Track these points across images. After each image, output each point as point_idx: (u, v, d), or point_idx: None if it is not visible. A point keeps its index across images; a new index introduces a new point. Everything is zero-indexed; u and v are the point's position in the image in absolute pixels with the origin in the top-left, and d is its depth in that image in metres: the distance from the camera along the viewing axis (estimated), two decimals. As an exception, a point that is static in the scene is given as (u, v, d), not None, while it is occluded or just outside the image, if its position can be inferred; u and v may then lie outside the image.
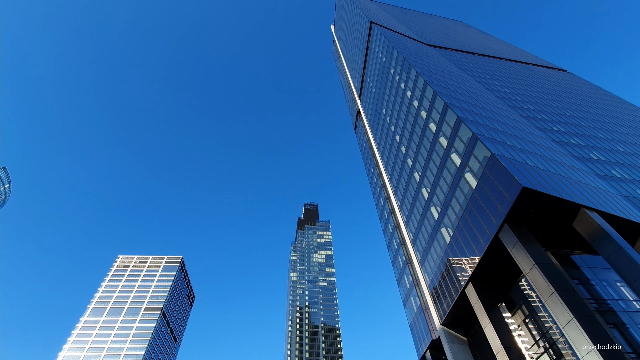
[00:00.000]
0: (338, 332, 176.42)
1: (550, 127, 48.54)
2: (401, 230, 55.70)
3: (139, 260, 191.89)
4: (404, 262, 53.16)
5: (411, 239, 49.44)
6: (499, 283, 32.20)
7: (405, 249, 53.34)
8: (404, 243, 54.12)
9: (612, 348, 19.01)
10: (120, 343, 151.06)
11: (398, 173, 55.94)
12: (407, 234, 51.55)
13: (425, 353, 44.20)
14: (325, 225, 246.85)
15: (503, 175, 26.62)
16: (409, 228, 50.25)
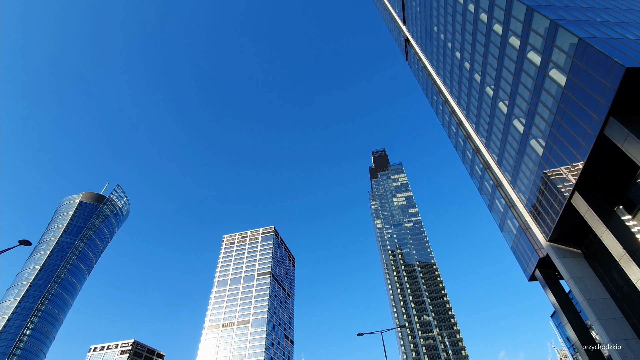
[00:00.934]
0: (435, 267, 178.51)
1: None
2: (482, 154, 51.57)
3: (240, 236, 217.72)
4: (492, 187, 49.80)
5: (496, 160, 45.59)
6: (611, 185, 28.21)
7: (490, 172, 49.62)
8: (488, 167, 50.27)
9: None
10: (247, 303, 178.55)
11: (466, 94, 50.65)
12: (490, 157, 47.57)
13: (534, 272, 42.34)
14: (397, 168, 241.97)
15: (598, 60, 22.07)
16: (491, 149, 46.19)
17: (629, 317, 30.01)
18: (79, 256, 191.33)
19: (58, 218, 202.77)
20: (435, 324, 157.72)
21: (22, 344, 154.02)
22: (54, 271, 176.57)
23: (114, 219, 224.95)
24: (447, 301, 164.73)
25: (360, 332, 31.20)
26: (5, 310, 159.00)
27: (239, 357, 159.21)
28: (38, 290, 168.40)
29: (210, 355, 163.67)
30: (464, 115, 54.94)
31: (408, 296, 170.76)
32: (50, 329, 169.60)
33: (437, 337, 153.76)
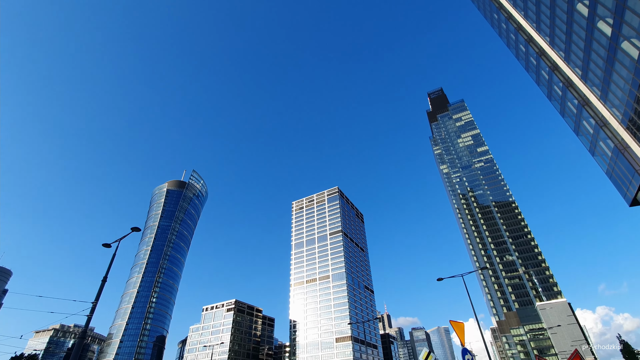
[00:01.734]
0: (514, 205, 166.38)
1: None
2: (561, 70, 44.40)
3: (307, 200, 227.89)
4: (577, 106, 43.21)
5: (579, 75, 39.00)
6: None
7: (574, 90, 42.80)
8: (570, 85, 43.35)
9: None
10: (324, 261, 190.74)
11: (534, 2, 42.91)
12: (572, 72, 40.78)
13: (636, 195, 37.02)
14: (459, 106, 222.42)
15: None
16: (572, 63, 39.45)
17: None
18: (177, 236, 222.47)
19: (154, 206, 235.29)
20: (520, 263, 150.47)
21: (152, 309, 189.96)
22: (161, 250, 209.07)
23: (197, 201, 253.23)
24: (532, 239, 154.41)
25: (440, 277, 31.49)
26: (134, 284, 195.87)
27: (325, 308, 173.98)
28: (153, 266, 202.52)
29: (301, 308, 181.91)
30: (534, 29, 47.15)
31: (486, 238, 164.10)
32: (170, 296, 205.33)
33: (524, 275, 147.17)
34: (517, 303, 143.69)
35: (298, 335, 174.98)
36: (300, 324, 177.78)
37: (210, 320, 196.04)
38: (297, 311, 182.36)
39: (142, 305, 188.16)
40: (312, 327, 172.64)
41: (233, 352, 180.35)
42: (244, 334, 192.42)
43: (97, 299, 20.96)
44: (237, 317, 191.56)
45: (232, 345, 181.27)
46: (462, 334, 17.17)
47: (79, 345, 19.11)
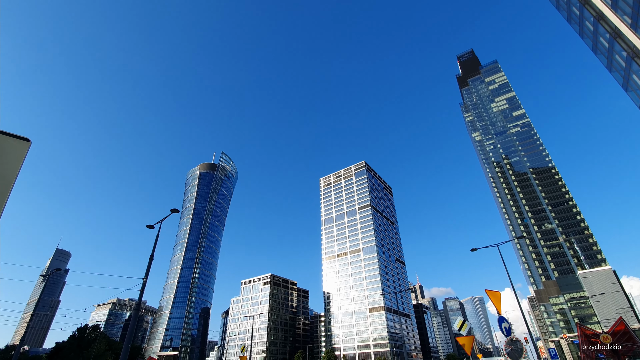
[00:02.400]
0: (554, 170, 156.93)
1: None
2: (607, 20, 39.83)
3: (334, 176, 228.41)
4: (626, 59, 39.01)
5: (628, 23, 34.83)
6: None
7: (622, 41, 38.43)
8: (617, 35, 38.92)
9: None
10: (355, 234, 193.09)
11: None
12: (620, 20, 36.46)
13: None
14: (492, 68, 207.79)
15: None
16: (620, 10, 35.18)
17: None
18: (212, 215, 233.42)
19: (189, 188, 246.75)
20: (560, 231, 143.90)
21: (195, 283, 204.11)
22: (199, 229, 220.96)
23: (228, 182, 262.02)
24: (574, 205, 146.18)
25: (474, 247, 30.94)
26: (178, 262, 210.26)
27: (357, 280, 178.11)
28: (193, 244, 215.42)
29: (333, 281, 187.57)
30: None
31: (523, 207, 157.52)
32: (210, 271, 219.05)
33: (564, 243, 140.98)
34: (557, 272, 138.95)
35: (332, 306, 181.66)
36: (333, 295, 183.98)
37: (249, 293, 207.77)
38: (330, 283, 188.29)
39: (186, 280, 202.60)
40: (345, 298, 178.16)
41: (272, 322, 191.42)
42: (280, 305, 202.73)
43: (146, 275, 23.12)
44: (274, 289, 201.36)
45: (271, 315, 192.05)
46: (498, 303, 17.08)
47: (135, 316, 21.67)
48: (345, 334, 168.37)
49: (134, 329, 21.30)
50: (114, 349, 71.33)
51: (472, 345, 16.25)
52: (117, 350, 71.01)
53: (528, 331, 26.88)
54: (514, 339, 15.20)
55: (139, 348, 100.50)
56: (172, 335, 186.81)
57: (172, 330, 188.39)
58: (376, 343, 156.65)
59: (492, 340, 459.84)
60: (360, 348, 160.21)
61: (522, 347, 15.27)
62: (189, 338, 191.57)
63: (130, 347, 78.73)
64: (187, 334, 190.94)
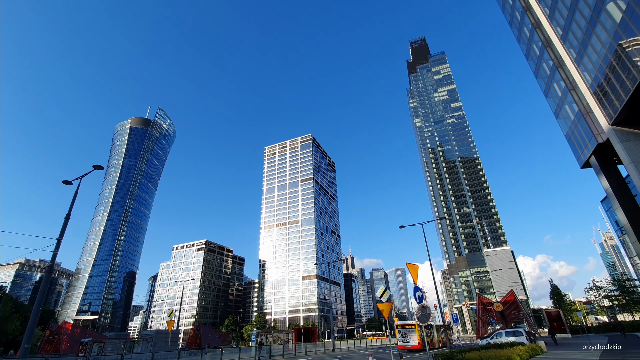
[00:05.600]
0: (477, 161, 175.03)
1: None
2: (543, 29, 43.85)
3: (280, 146, 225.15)
4: (551, 68, 43.71)
5: (560, 35, 38.73)
6: None
7: (551, 50, 42.87)
8: (548, 44, 43.23)
9: None
10: (295, 206, 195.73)
11: (530, -51, 40.39)
12: (553, 31, 40.38)
13: (589, 159, 39.90)
14: (439, 58, 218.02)
15: None
16: (555, 22, 38.87)
17: (693, 198, 28.33)
18: (143, 175, 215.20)
19: (117, 144, 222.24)
20: (475, 215, 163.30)
21: (121, 246, 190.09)
22: (127, 189, 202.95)
23: (164, 140, 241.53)
24: (489, 193, 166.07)
25: (402, 225, 33.35)
26: (100, 222, 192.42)
27: (294, 250, 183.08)
28: (119, 205, 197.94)
29: (270, 249, 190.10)
30: (524, -19, 45.13)
31: (448, 191, 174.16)
32: (138, 235, 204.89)
33: (477, 226, 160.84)
34: (468, 250, 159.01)
35: (267, 273, 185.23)
36: (269, 263, 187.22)
37: (180, 258, 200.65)
38: (267, 252, 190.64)
39: (109, 243, 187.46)
40: (281, 266, 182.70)
41: (204, 287, 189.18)
42: (214, 271, 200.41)
43: (61, 235, 21.63)
44: (208, 256, 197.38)
45: (203, 281, 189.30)
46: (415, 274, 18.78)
47: (47, 279, 20.90)
48: (277, 299, 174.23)
49: (46, 292, 20.46)
50: (22, 312, 64.20)
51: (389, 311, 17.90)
52: (26, 313, 64.05)
53: (437, 299, 30.50)
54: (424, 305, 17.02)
55: (51, 312, 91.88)
56: (91, 299, 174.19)
57: (92, 294, 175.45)
58: (306, 308, 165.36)
59: (408, 306, 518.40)
60: (290, 313, 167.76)
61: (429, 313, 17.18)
62: (111, 302, 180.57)
63: (42, 310, 71.61)
64: (108, 298, 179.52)
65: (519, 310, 46.24)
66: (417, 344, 32.24)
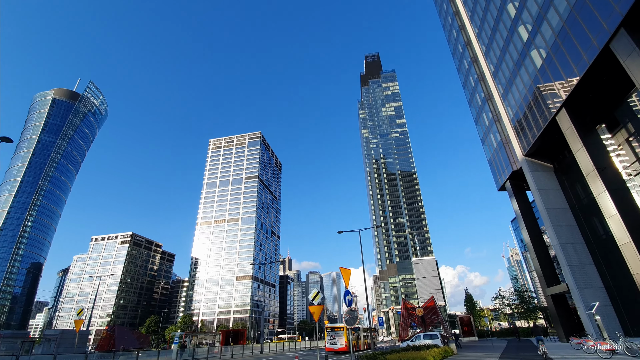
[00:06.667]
0: (414, 176, 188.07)
1: None
2: (479, 64, 49.03)
3: (226, 140, 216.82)
4: (482, 99, 48.98)
5: (492, 71, 43.64)
6: (599, 104, 28.15)
7: (484, 84, 48.10)
8: (482, 78, 48.45)
9: None
10: (236, 203, 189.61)
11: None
12: (487, 67, 45.35)
13: (505, 183, 45.29)
14: (390, 75, 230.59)
15: (632, -45, 19.23)
16: (489, 59, 43.71)
17: (581, 225, 33.82)
18: (63, 155, 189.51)
19: (34, 115, 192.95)
20: (408, 225, 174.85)
21: (27, 233, 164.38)
22: (42, 169, 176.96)
23: (93, 119, 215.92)
24: (421, 206, 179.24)
25: (340, 230, 34.29)
26: (4, 204, 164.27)
27: (230, 249, 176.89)
28: (30, 186, 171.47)
29: (205, 247, 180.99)
30: (468, 17, 50.04)
31: (387, 201, 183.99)
32: (50, 221, 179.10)
33: (408, 235, 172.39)
34: (399, 257, 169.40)
35: (199, 272, 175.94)
36: (202, 261, 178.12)
37: (99, 251, 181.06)
38: (201, 249, 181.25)
39: (13, 228, 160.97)
40: (215, 265, 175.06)
41: (124, 284, 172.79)
42: (139, 267, 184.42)
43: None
44: (133, 250, 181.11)
45: (124, 277, 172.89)
46: (347, 278, 19.38)
47: None
48: (207, 300, 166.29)
49: None
50: None
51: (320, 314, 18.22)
52: None
53: (367, 303, 31.87)
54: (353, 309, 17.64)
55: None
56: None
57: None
58: (237, 309, 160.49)
59: (340, 310, 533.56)
60: (221, 314, 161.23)
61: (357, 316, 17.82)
62: (9, 296, 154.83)
63: None
64: (7, 291, 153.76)
65: (437, 315, 50.39)
66: (344, 346, 33.29)
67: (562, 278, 37.47)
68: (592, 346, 20.83)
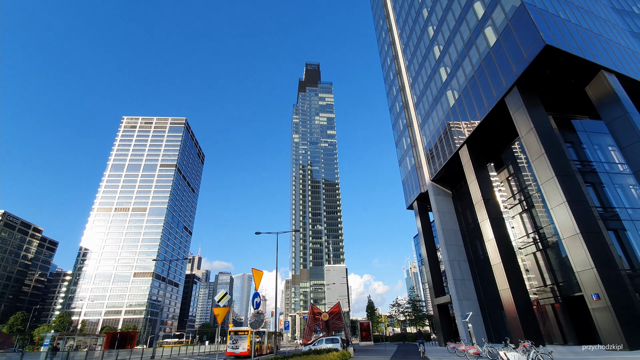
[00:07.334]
0: (337, 186, 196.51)
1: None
2: (405, 93, 54.09)
3: (144, 121, 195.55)
4: (404, 125, 53.97)
5: (414, 102, 48.53)
6: (491, 145, 33.54)
7: (407, 112, 53.14)
8: (406, 106, 53.50)
9: (581, 201, 21.37)
10: (146, 192, 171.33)
11: (410, 27, 49.87)
12: (411, 97, 50.30)
13: (413, 203, 50.35)
14: (327, 87, 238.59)
15: (528, 30, 23.64)
16: (414, 90, 48.59)
17: (467, 245, 39.42)
18: None
19: None
20: (325, 232, 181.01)
21: None
22: None
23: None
24: (340, 216, 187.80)
25: (258, 231, 33.66)
26: None
27: (132, 241, 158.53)
28: None
29: (99, 236, 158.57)
30: (401, 50, 54.95)
31: (308, 208, 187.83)
32: None
33: (324, 243, 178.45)
34: (312, 263, 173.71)
35: (87, 264, 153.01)
36: (94, 253, 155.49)
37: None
38: (94, 239, 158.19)
39: None
40: (109, 258, 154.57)
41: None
42: (8, 253, 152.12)
43: None
44: (2, 232, 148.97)
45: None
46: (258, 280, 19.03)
47: None
48: (94, 297, 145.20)
49: None
50: None
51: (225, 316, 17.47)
52: None
53: (275, 307, 31.72)
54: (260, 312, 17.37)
55: None
56: None
57: None
58: (131, 309, 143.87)
59: (247, 313, 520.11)
60: (109, 314, 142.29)
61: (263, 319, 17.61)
62: None
63: None
64: None
65: (340, 321, 52.89)
66: (246, 351, 32.40)
67: (447, 290, 43.03)
68: (463, 350, 24.30)
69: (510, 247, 29.37)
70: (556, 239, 26.03)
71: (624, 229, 23.42)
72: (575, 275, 20.51)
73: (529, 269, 29.77)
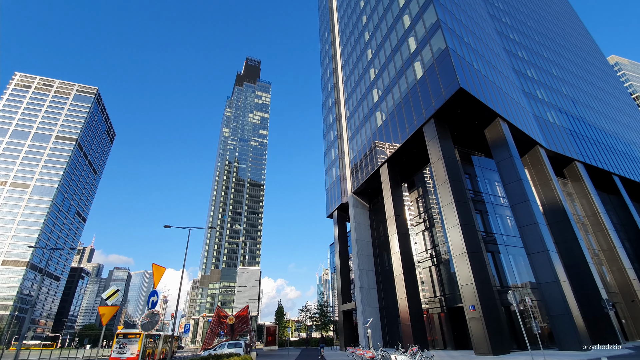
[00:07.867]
0: (262, 187, 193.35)
1: (507, 34, 48.11)
2: (340, 106, 56.41)
3: (43, 82, 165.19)
4: (335, 137, 56.07)
5: (347, 116, 50.90)
6: (407, 167, 37.00)
7: (339, 124, 55.37)
8: (339, 119, 55.75)
9: (471, 225, 24.92)
10: (32, 165, 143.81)
11: (352, 46, 52.48)
12: (345, 111, 52.66)
13: (333, 212, 52.29)
14: (265, 86, 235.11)
15: (448, 71, 26.99)
16: (348, 105, 51.00)
17: (376, 256, 42.34)
18: None
19: None
20: (243, 233, 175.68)
21: None
22: None
23: None
24: (261, 217, 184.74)
25: (168, 225, 30.81)
26: None
27: (4, 222, 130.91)
28: None
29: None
30: (341, 65, 57.35)
31: (229, 206, 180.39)
32: None
33: (241, 243, 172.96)
34: (226, 264, 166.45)
35: None
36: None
37: None
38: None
39: None
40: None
41: None
42: None
43: None
44: None
45: None
46: (159, 277, 17.45)
47: None
48: None
49: None
50: None
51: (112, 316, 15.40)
52: None
53: (176, 308, 29.35)
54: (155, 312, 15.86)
55: None
56: None
57: None
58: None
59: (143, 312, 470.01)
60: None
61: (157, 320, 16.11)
62: None
63: None
64: None
65: (247, 325, 51.48)
66: (135, 356, 29.07)
67: (354, 297, 45.49)
68: (361, 354, 25.82)
69: (412, 260, 32.57)
70: (448, 256, 29.76)
71: (498, 252, 28.02)
72: (459, 288, 23.67)
73: (424, 281, 33.35)
